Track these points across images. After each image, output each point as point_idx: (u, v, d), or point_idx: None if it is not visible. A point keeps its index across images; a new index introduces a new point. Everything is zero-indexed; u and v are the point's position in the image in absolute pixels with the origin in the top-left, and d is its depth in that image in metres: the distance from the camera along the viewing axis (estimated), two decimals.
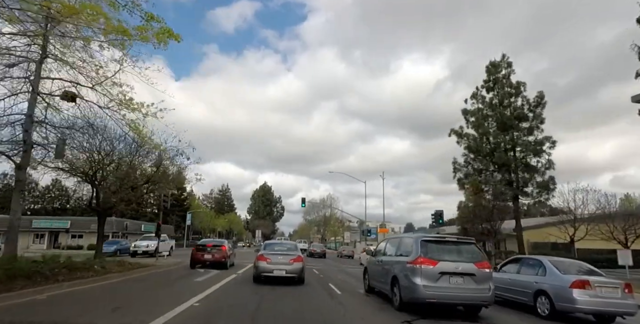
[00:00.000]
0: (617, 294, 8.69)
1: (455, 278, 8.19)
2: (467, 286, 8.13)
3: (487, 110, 29.92)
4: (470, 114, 30.40)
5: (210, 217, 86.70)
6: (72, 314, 7.10)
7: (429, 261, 8.35)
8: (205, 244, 18.76)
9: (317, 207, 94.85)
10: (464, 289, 8.11)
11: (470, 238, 8.99)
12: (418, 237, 9.01)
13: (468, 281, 8.16)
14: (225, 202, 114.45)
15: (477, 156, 29.77)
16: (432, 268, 8.26)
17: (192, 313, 7.51)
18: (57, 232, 48.58)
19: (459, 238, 9.11)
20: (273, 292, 10.78)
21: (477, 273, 8.20)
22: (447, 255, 8.56)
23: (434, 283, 8.12)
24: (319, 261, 32.37)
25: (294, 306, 8.77)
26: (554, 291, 8.81)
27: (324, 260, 34.36)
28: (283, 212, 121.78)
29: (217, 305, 8.50)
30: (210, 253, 18.10)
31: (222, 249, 18.36)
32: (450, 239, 9.02)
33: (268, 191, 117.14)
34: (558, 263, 9.80)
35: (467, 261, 8.37)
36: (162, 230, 62.26)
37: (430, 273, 8.20)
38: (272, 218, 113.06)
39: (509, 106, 29.10)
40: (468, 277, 8.18)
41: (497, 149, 28.70)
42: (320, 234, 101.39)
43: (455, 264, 8.32)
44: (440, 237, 9.20)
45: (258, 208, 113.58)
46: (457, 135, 30.83)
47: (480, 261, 8.41)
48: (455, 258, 8.50)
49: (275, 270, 12.56)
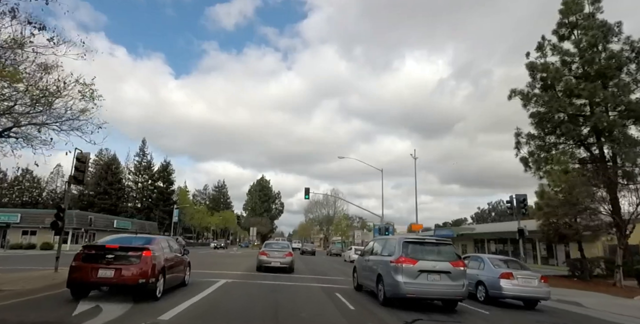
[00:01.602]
0: (535, 284, 11.14)
1: (433, 276, 9.20)
2: (443, 283, 9.14)
3: (569, 58, 22.68)
4: (541, 69, 22.84)
5: (203, 214, 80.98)
6: None
7: (410, 260, 9.33)
8: (105, 246, 8.67)
9: (319, 204, 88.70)
10: (441, 285, 9.12)
11: (447, 240, 10.01)
12: (401, 239, 9.98)
13: (444, 278, 9.18)
14: (222, 199, 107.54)
15: (551, 123, 22.37)
16: (412, 266, 9.24)
17: None
18: (6, 228, 39.29)
19: (438, 240, 10.16)
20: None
21: (453, 270, 9.23)
22: (426, 255, 9.56)
23: (414, 280, 9.11)
24: (309, 258, 38.93)
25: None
26: (488, 281, 11.29)
27: (313, 257, 40.52)
28: (282, 210, 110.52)
29: None
30: (112, 266, 8.30)
31: (140, 257, 8.50)
32: (430, 241, 10.04)
33: (266, 186, 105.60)
34: (494, 259, 12.44)
35: (444, 260, 9.40)
36: (141, 227, 57.95)
37: (410, 271, 9.18)
38: (271, 215, 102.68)
39: (602, 51, 21.71)
40: (444, 274, 9.20)
41: (591, 110, 21.36)
42: (323, 234, 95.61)
43: (433, 263, 9.33)
44: (420, 238, 10.21)
45: (255, 204, 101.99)
46: (523, 97, 23.28)
47: (456, 260, 9.45)
48: (433, 257, 9.52)
49: (273, 262, 17.80)
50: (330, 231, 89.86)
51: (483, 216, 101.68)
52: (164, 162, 79.96)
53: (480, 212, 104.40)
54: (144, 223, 61.39)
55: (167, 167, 79.41)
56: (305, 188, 40.44)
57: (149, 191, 75.78)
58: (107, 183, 68.91)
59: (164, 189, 77.57)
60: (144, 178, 75.99)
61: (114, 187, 69.84)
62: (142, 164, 76.71)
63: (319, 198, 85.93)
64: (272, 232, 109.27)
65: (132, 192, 76.03)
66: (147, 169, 76.47)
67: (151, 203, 74.26)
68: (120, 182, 72.38)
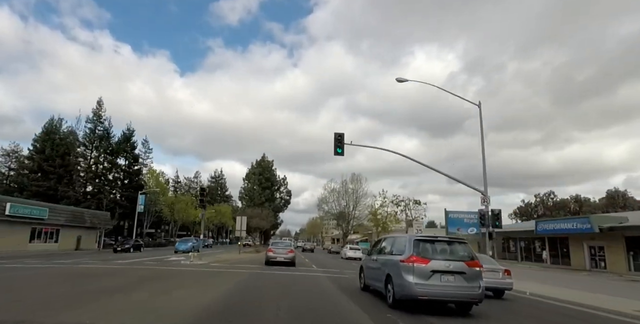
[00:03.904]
0: (499, 276, 12.53)
1: (447, 276, 8.72)
2: (457, 284, 8.70)
3: None
4: None
5: (186, 204, 65.00)
6: None
7: (421, 259, 8.79)
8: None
9: (335, 194, 70.64)
10: (455, 286, 8.67)
11: (462, 238, 9.51)
12: (411, 236, 9.38)
13: (459, 279, 8.73)
14: (219, 191, 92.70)
15: None
16: (424, 266, 8.71)
17: None
18: None
19: (451, 238, 9.63)
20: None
21: (468, 271, 8.79)
22: (439, 254, 9.05)
23: (426, 281, 8.60)
24: (309, 254, 46.19)
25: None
26: None
27: (312, 254, 48.04)
28: (289, 200, 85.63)
29: None
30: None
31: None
32: (442, 239, 9.49)
33: (268, 168, 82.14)
34: None
35: (458, 260, 8.91)
36: (75, 218, 42.95)
37: (422, 271, 8.66)
38: (274, 206, 78.82)
39: None
40: (459, 275, 8.74)
41: None
42: (342, 230, 74.90)
43: (447, 262, 8.83)
44: (432, 236, 9.63)
45: (253, 192, 78.27)
46: None
47: (471, 260, 8.97)
48: (446, 256, 9.02)
49: (278, 257, 22.10)
50: (351, 226, 71.87)
51: None
52: (126, 131, 58.84)
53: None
54: (82, 212, 43.54)
55: (129, 138, 58.55)
56: (337, 137, 20.20)
57: (104, 170, 56.00)
58: (42, 158, 49.78)
59: (125, 168, 58.21)
60: (97, 153, 55.50)
61: (54, 164, 49.68)
62: (95, 133, 55.38)
63: (336, 186, 71.56)
64: (276, 228, 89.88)
65: (82, 172, 54.41)
66: (103, 140, 55.49)
67: (105, 186, 55.05)
68: (63, 158, 50.87)
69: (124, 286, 11.17)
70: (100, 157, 56.00)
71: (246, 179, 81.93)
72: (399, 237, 10.49)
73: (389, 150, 25.19)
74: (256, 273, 17.18)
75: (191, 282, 13.28)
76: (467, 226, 27.93)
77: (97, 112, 55.88)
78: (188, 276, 15.07)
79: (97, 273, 15.64)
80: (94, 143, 55.51)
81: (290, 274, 17.19)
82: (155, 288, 11.36)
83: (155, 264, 20.90)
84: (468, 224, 27.74)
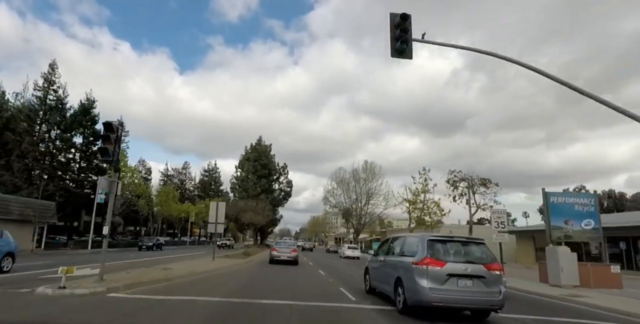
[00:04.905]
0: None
1: (464, 280, 7.92)
2: (476, 289, 7.92)
3: None
4: None
5: (166, 196, 57.20)
6: None
7: (436, 261, 7.97)
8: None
9: (344, 185, 62.13)
10: (473, 292, 7.91)
11: (480, 239, 8.65)
12: (424, 236, 8.44)
13: (477, 284, 7.95)
14: (212, 185, 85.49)
15: None
16: (439, 269, 7.89)
17: None
18: None
19: (469, 238, 8.76)
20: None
21: (487, 275, 8.02)
22: (455, 256, 8.24)
23: (441, 286, 7.81)
24: (308, 253, 49.53)
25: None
26: None
27: (311, 253, 51.17)
28: (290, 192, 68.51)
29: None
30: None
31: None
32: (459, 239, 8.62)
33: (265, 153, 65.11)
34: None
35: (477, 263, 8.12)
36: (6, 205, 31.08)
37: (437, 275, 7.86)
38: (272, 199, 62.95)
39: None
40: (477, 279, 7.96)
41: None
42: (353, 227, 64.79)
43: (464, 265, 8.03)
44: (447, 236, 8.72)
45: (247, 181, 62.07)
46: None
47: (491, 262, 8.18)
48: (464, 258, 8.22)
49: (282, 256, 23.15)
50: (362, 223, 62.31)
51: None
52: (84, 102, 45.37)
53: None
54: (7, 200, 30.46)
55: (88, 109, 45.19)
56: (397, 21, 11.41)
57: (54, 150, 43.59)
58: None
59: (81, 147, 45.67)
60: (47, 127, 42.77)
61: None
62: (45, 102, 42.66)
63: (345, 176, 62.66)
64: (275, 225, 74.66)
65: (28, 151, 40.22)
66: (54, 111, 42.68)
67: (55, 170, 42.64)
68: (1, 134, 40.39)
69: None
70: (52, 133, 43.61)
71: (239, 166, 65.68)
72: (409, 236, 9.55)
73: (467, 47, 20.96)
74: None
75: None
76: (579, 216, 18.17)
77: (48, 78, 42.62)
78: None
79: None
80: (42, 115, 42.56)
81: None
82: None
83: None
84: (581, 213, 18.23)
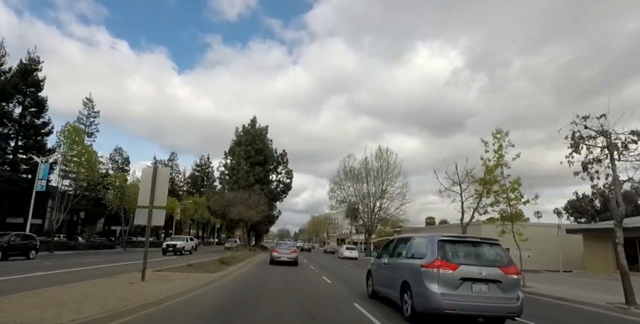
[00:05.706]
0: None
1: (479, 285, 7.22)
2: (492, 295, 7.21)
3: None
4: None
5: (135, 188, 45.31)
6: None
7: (448, 264, 7.30)
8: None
9: (354, 177, 53.04)
10: (489, 298, 7.19)
11: (495, 239, 7.97)
12: (434, 236, 7.81)
13: (493, 289, 7.24)
14: (204, 180, 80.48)
15: None
16: (451, 272, 7.24)
17: None
18: None
19: (483, 239, 8.06)
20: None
21: (504, 279, 7.31)
22: (469, 258, 7.57)
23: (454, 291, 7.14)
24: (307, 254, 49.48)
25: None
26: None
27: (309, 253, 51.99)
28: (290, 184, 56.54)
29: None
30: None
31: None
32: (472, 240, 7.94)
33: (260, 136, 53.26)
34: None
35: (492, 266, 7.41)
36: None
37: (449, 279, 7.20)
38: (269, 192, 51.09)
39: None
40: (493, 284, 7.26)
41: None
42: (364, 225, 54.50)
43: (479, 268, 7.34)
44: (459, 236, 8.07)
45: (238, 169, 49.91)
46: None
47: (507, 265, 7.47)
48: (478, 261, 7.54)
49: (282, 257, 23.46)
50: (376, 219, 52.97)
51: None
52: (26, 62, 38.17)
53: None
54: None
55: (30, 71, 37.76)
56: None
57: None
58: None
59: (18, 118, 37.15)
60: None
61: None
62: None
63: (355, 165, 53.62)
64: (271, 223, 62.44)
65: None
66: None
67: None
68: None
69: None
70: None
71: (229, 153, 53.03)
72: (417, 237, 8.90)
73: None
74: None
75: None
76: None
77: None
78: None
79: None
80: None
81: None
82: None
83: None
84: None
